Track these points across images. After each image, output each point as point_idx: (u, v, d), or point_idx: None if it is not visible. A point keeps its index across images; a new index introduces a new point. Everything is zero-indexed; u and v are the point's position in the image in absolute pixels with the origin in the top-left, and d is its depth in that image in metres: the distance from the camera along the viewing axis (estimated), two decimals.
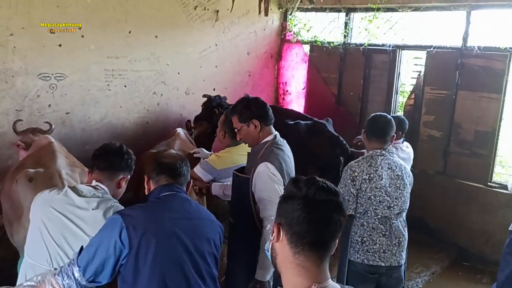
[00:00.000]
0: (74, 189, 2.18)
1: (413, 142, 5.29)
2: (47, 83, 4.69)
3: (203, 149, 4.21)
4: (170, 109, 5.91)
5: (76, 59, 4.85)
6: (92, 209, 2.14)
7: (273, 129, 2.86)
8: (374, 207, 2.92)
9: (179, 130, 4.77)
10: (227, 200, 3.38)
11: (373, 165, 2.95)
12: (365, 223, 2.94)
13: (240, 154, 3.28)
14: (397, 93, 6.06)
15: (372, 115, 3.20)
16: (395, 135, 3.21)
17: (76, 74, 4.90)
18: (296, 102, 7.16)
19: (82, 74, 4.95)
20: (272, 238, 1.33)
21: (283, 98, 7.31)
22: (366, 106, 6.23)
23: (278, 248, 1.31)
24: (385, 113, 3.26)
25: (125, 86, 5.37)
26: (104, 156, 2.30)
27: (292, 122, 4.92)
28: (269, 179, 2.61)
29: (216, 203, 4.27)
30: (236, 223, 2.96)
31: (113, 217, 1.91)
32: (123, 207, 2.21)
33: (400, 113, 6.17)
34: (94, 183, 2.24)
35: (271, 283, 2.69)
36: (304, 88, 7.04)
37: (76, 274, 1.82)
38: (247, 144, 3.01)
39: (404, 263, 3.08)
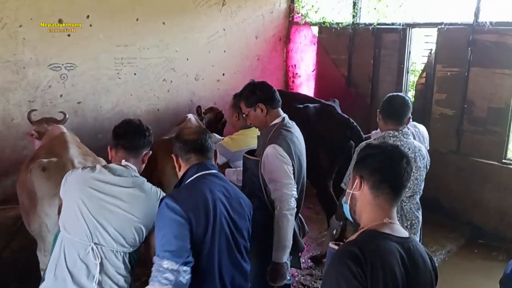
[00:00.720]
0: (107, 168, 2.24)
1: (425, 121, 5.25)
2: (58, 73, 4.73)
3: (215, 134, 4.22)
4: (180, 96, 5.93)
5: (85, 49, 4.87)
6: (128, 187, 2.21)
7: (281, 111, 2.86)
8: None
9: (190, 115, 4.78)
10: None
11: None
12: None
13: (253, 137, 3.29)
14: (408, 73, 5.98)
15: (388, 95, 3.13)
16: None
17: (86, 63, 4.92)
18: (306, 85, 7.12)
19: (92, 63, 4.98)
20: (353, 189, 1.64)
21: (293, 81, 7.27)
22: (377, 86, 6.18)
23: (358, 196, 1.64)
24: (402, 94, 3.21)
25: (134, 74, 5.39)
26: (129, 136, 2.33)
27: (301, 106, 4.88)
28: (278, 160, 2.64)
29: None
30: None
31: (167, 204, 1.94)
32: (154, 186, 2.34)
33: (411, 92, 6.11)
34: (123, 162, 2.29)
35: (288, 264, 2.71)
36: (313, 70, 6.99)
37: (174, 267, 1.86)
38: None
39: None
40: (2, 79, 4.35)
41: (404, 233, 1.61)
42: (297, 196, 2.70)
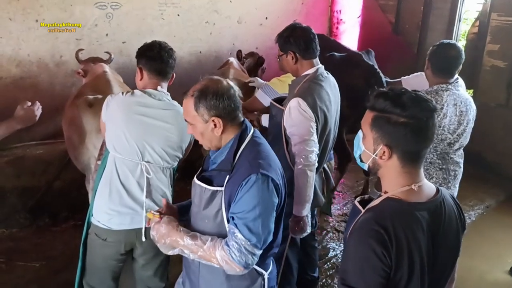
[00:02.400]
0: (146, 93, 2.34)
1: (475, 73, 5.05)
2: (104, 12, 4.77)
3: (258, 78, 4.22)
4: (222, 39, 5.88)
5: None
6: (167, 109, 2.35)
7: (315, 62, 2.71)
8: (434, 144, 2.77)
9: (232, 59, 4.76)
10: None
11: (438, 102, 2.72)
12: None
13: None
14: (460, 21, 5.69)
15: (440, 43, 2.89)
16: None
17: (131, 3, 4.93)
18: (350, 31, 6.91)
19: (137, 3, 4.98)
20: (378, 156, 1.48)
21: (337, 27, 7.07)
22: (426, 35, 5.93)
23: (384, 163, 1.50)
24: (454, 42, 3.00)
25: (178, 15, 5.36)
26: (162, 60, 2.37)
27: (327, 55, 4.74)
28: (300, 115, 2.54)
29: None
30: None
31: (270, 184, 1.73)
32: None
33: (462, 42, 5.84)
34: (159, 89, 2.38)
35: (309, 217, 2.70)
36: (359, 16, 6.75)
37: (258, 254, 1.76)
38: None
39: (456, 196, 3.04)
40: (51, 16, 4.43)
41: (432, 190, 1.53)
42: (318, 152, 2.62)
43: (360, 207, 1.55)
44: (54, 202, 4.19)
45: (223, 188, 1.76)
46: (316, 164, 2.61)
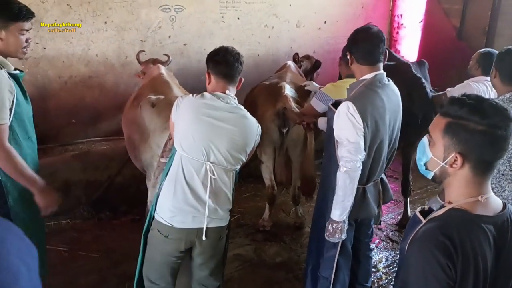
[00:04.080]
0: (215, 95, 2.40)
1: None
2: (168, 14, 4.93)
3: (313, 82, 4.20)
4: (280, 42, 5.91)
5: None
6: (234, 113, 2.41)
7: (376, 68, 2.60)
8: (509, 155, 2.59)
9: (290, 62, 4.78)
10: None
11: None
12: (495, 170, 2.70)
13: None
14: None
15: (507, 50, 2.72)
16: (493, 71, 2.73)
17: (193, 6, 5.07)
18: (411, 36, 6.73)
19: (199, 6, 5.11)
20: (448, 165, 1.44)
21: (397, 32, 6.91)
22: (493, 40, 5.66)
23: (453, 172, 1.45)
24: None
25: (238, 18, 5.45)
26: (229, 64, 2.42)
27: None
28: (347, 119, 2.48)
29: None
30: (324, 159, 2.94)
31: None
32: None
33: None
34: (227, 92, 2.43)
35: (346, 223, 2.62)
36: (421, 21, 6.57)
37: None
38: None
39: None
40: (119, 18, 4.64)
41: (499, 205, 1.46)
42: (363, 159, 2.53)
43: (421, 217, 1.51)
44: (115, 197, 4.38)
45: None
46: (359, 172, 2.54)
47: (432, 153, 1.49)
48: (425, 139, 1.52)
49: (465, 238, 1.36)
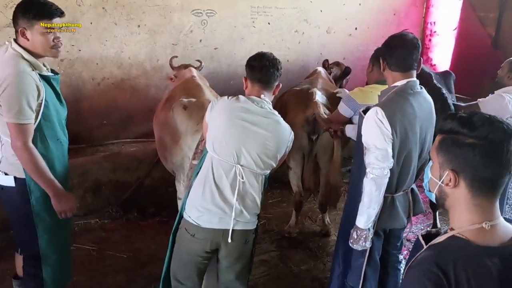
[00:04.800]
0: (250, 99, 2.42)
1: None
2: (199, 19, 4.97)
3: (345, 89, 4.16)
4: (310, 48, 5.89)
5: None
6: (268, 118, 2.42)
7: (409, 75, 2.56)
8: None
9: (320, 69, 4.75)
10: None
11: None
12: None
13: None
14: None
15: None
16: None
17: (225, 10, 5.10)
18: (444, 44, 6.61)
19: (230, 10, 5.14)
20: (444, 183, 1.34)
21: (430, 40, 6.79)
22: None
23: (451, 192, 1.34)
24: None
25: (268, 23, 5.46)
26: (265, 69, 2.43)
27: None
28: (375, 125, 2.44)
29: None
30: (354, 166, 2.91)
31: None
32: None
33: None
34: (262, 96, 2.45)
35: (371, 231, 2.58)
36: (455, 29, 6.44)
37: None
38: None
39: None
40: (152, 22, 4.70)
41: (509, 232, 1.31)
42: (391, 166, 2.48)
43: (423, 242, 1.43)
44: (143, 198, 4.43)
45: None
46: (386, 179, 2.49)
47: (431, 173, 1.41)
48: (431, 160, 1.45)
49: (461, 272, 1.25)
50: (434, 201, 1.43)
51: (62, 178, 2.57)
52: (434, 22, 6.69)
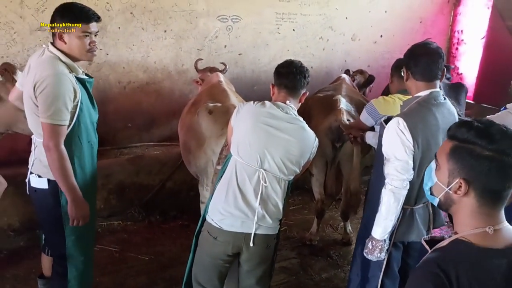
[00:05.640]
0: (275, 104, 2.43)
1: None
2: (225, 24, 5.02)
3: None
4: (334, 55, 5.87)
5: (251, 2, 5.07)
6: (293, 123, 2.42)
7: (432, 85, 2.50)
8: None
9: (344, 76, 4.73)
10: None
11: None
12: None
13: None
14: None
15: None
16: None
17: (250, 16, 5.13)
18: (471, 53, 6.50)
19: (256, 17, 5.17)
20: (452, 190, 1.35)
21: (457, 48, 6.70)
22: None
23: (458, 200, 1.35)
24: None
25: (293, 30, 5.47)
26: (291, 76, 2.45)
27: None
28: (396, 135, 2.39)
29: None
30: (373, 176, 2.87)
31: None
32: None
33: None
34: (287, 103, 2.45)
35: (387, 242, 2.52)
36: (483, 38, 6.33)
37: None
38: None
39: None
40: (178, 27, 4.77)
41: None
42: (410, 178, 2.43)
43: (426, 246, 1.45)
44: (165, 201, 4.46)
45: None
46: (405, 191, 2.44)
47: (437, 178, 1.41)
48: (433, 163, 1.46)
49: (463, 273, 1.25)
50: (436, 205, 1.44)
51: (91, 179, 2.62)
52: (462, 31, 6.59)
